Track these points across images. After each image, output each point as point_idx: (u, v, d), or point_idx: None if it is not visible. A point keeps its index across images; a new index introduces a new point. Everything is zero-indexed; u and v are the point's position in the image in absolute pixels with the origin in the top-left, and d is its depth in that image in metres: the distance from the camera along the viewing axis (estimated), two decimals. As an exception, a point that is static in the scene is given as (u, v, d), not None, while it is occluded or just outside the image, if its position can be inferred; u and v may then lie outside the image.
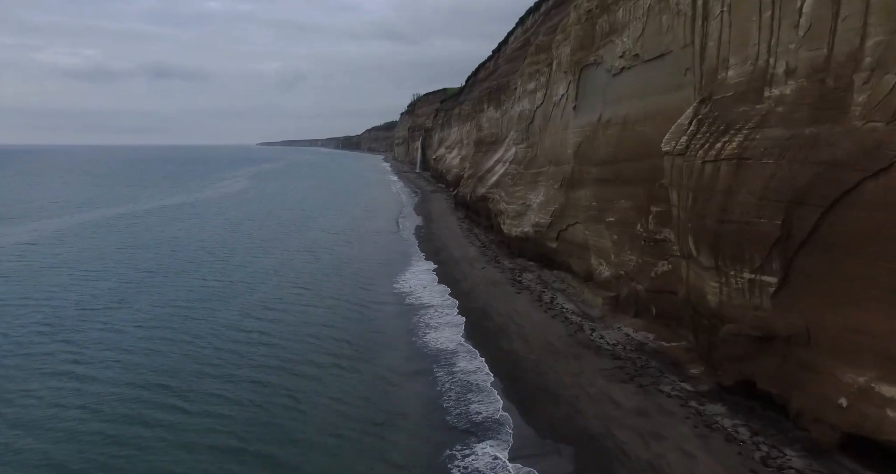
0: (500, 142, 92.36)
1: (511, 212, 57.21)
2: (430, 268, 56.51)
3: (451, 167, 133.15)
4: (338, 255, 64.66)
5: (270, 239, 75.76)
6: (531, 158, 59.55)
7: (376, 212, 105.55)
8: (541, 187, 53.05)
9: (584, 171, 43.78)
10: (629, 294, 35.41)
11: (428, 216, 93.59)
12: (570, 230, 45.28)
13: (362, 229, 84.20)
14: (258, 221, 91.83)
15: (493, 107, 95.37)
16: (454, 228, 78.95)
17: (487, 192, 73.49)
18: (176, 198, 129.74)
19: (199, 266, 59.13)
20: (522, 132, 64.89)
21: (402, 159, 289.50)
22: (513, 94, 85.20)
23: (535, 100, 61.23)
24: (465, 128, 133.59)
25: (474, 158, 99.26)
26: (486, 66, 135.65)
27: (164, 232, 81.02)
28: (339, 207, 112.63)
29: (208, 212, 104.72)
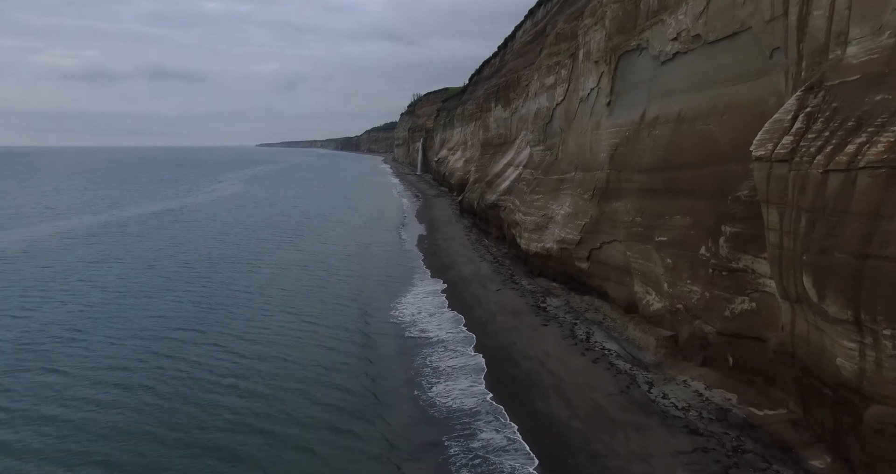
0: (509, 143, 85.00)
1: (529, 224, 49.72)
2: (437, 288, 49.00)
3: (454, 170, 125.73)
4: (334, 271, 57.17)
5: (260, 251, 68.28)
6: (551, 162, 52.09)
7: (376, 219, 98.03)
8: (565, 196, 45.58)
9: (623, 179, 36.33)
10: (693, 335, 27.92)
11: (432, 224, 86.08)
12: (606, 249, 37.80)
13: (361, 239, 76.73)
14: (249, 230, 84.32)
15: (502, 105, 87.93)
16: (461, 239, 71.44)
17: (498, 200, 66.03)
18: (165, 203, 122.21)
19: (176, 284, 51.66)
20: (539, 133, 57.43)
21: (402, 160, 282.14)
22: (524, 90, 77.82)
23: (554, 96, 53.77)
24: (469, 128, 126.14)
25: (480, 161, 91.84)
26: (490, 63, 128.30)
27: (144, 243, 73.50)
28: (336, 213, 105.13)
29: (196, 218, 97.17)
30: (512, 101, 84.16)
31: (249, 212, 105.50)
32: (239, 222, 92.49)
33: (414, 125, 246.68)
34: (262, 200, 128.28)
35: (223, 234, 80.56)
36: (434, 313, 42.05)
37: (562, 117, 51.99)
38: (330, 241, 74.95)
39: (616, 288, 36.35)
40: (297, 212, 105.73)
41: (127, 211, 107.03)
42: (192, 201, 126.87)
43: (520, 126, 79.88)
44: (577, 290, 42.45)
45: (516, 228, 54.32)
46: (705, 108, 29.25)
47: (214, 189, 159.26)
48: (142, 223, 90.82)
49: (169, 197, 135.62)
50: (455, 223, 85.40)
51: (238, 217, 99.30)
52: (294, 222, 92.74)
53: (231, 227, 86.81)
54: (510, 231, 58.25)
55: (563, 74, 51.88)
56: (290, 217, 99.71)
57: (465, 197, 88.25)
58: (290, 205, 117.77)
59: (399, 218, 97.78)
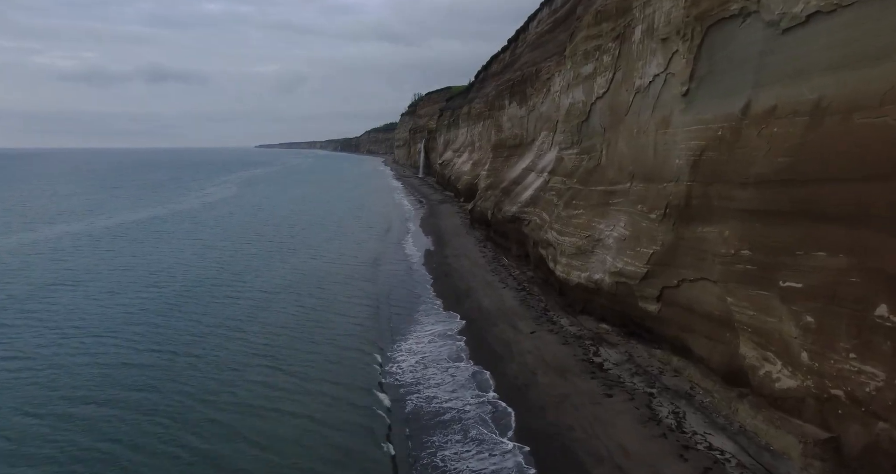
0: (525, 145, 74.82)
1: (567, 247, 39.46)
2: (451, 327, 38.80)
3: (460, 173, 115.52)
4: (328, 300, 47.03)
5: (245, 270, 58.10)
6: (590, 169, 41.92)
7: (378, 228, 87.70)
8: (618, 214, 35.31)
9: (715, 195, 26.15)
10: (875, 446, 17.79)
11: (439, 236, 75.80)
12: (688, 289, 27.59)
13: (361, 254, 66.53)
14: (236, 243, 74.11)
15: (517, 102, 77.78)
16: (475, 256, 61.19)
17: (520, 212, 55.84)
18: (152, 209, 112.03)
19: (136, 320, 41.66)
20: (571, 133, 47.29)
21: (403, 162, 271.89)
22: (545, 85, 67.63)
23: (592, 88, 43.62)
24: (476, 128, 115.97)
25: (493, 165, 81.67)
26: (500, 58, 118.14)
27: (114, 260, 63.33)
28: (334, 222, 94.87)
29: (179, 229, 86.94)
30: (529, 98, 74.03)
31: (240, 221, 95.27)
32: (227, 233, 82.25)
33: (415, 126, 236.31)
34: (255, 206, 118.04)
35: (207, 249, 70.42)
36: (448, 367, 31.83)
37: (604, 113, 41.83)
38: (325, 257, 64.79)
39: (706, 345, 26.11)
40: (291, 221, 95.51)
41: (107, 219, 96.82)
42: (180, 207, 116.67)
43: (539, 125, 69.77)
44: (639, 338, 32.15)
45: (547, 249, 44.12)
46: (875, 92, 19.10)
47: (206, 193, 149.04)
48: (119, 234, 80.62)
49: (157, 202, 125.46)
50: (465, 235, 75.12)
51: (227, 226, 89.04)
52: (287, 233, 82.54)
53: (217, 240, 76.62)
54: (537, 250, 48.06)
55: (605, 61, 41.71)
56: (284, 226, 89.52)
57: (476, 205, 78.04)
58: (285, 213, 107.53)
59: (402, 227, 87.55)
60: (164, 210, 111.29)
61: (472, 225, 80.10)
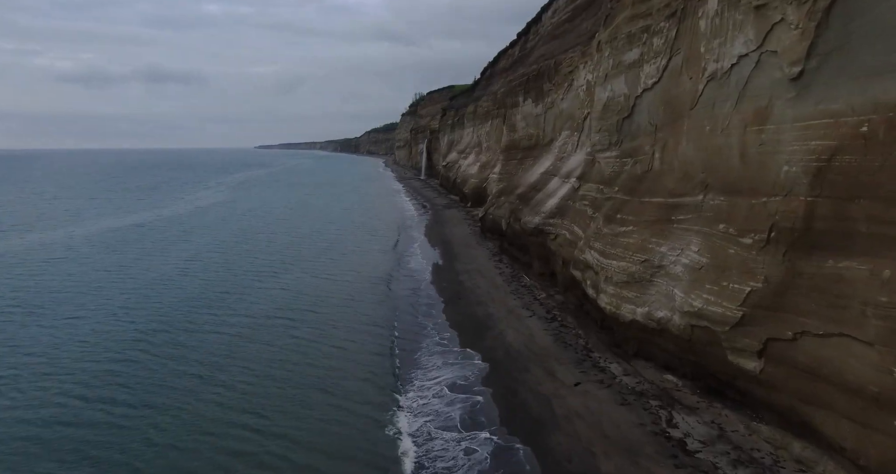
0: (542, 146, 67.10)
1: (616, 272, 31.56)
2: (469, 373, 30.84)
3: (467, 176, 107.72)
4: (321, 331, 39.30)
5: (231, 291, 50.37)
6: (639, 176, 34.18)
7: (380, 238, 79.70)
8: (688, 234, 27.49)
9: (863, 216, 18.43)
10: None
11: (448, 247, 67.91)
12: (813, 346, 19.86)
13: (361, 270, 58.70)
14: (224, 255, 66.33)
15: (532, 99, 70.04)
16: (490, 273, 53.30)
17: (544, 224, 48.00)
18: (137, 215, 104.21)
19: (96, 354, 34.27)
20: (610, 132, 39.56)
21: (403, 163, 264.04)
22: (567, 78, 59.85)
23: (639, 78, 35.86)
24: (483, 128, 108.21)
25: (505, 167, 73.92)
26: (508, 53, 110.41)
27: (82, 277, 55.60)
28: (333, 230, 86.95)
29: (165, 237, 79.13)
30: (546, 94, 66.30)
31: (230, 229, 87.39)
32: (215, 243, 74.43)
33: (416, 126, 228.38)
34: (248, 212, 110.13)
35: (190, 262, 62.67)
36: (463, 438, 24.05)
37: (654, 108, 34.06)
38: (323, 274, 56.95)
39: (851, 430, 18.36)
40: (286, 229, 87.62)
41: (87, 227, 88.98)
42: (168, 213, 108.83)
43: (559, 124, 62.04)
44: (728, 401, 24.34)
45: (585, 272, 36.30)
46: None
47: (198, 197, 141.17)
48: (97, 245, 72.83)
49: (144, 207, 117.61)
50: (477, 246, 67.24)
51: (216, 235, 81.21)
52: (282, 243, 74.62)
53: (203, 251, 68.85)
54: (568, 271, 40.27)
55: (655, 45, 33.93)
56: (278, 235, 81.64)
57: (488, 213, 70.23)
58: (281, 219, 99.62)
59: (407, 236, 79.67)
60: (150, 216, 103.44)
61: (484, 234, 72.30)
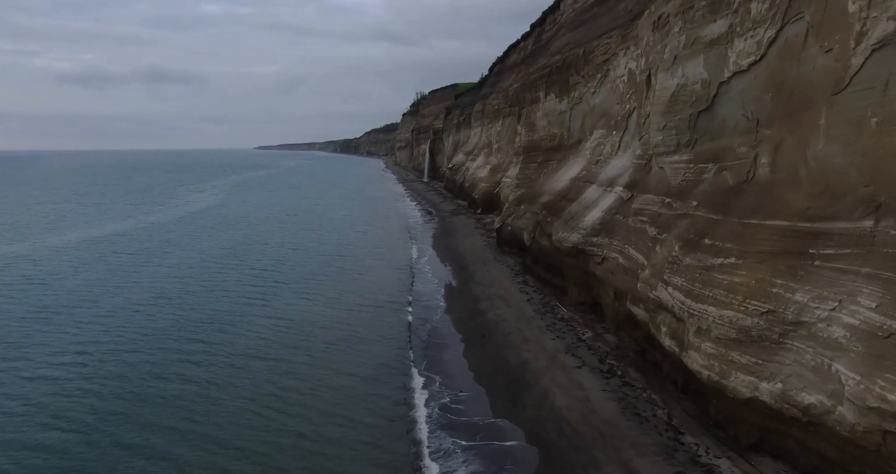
0: (568, 147, 58.37)
1: (718, 324, 22.75)
2: (513, 469, 22.25)
3: (476, 180, 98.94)
4: (312, 384, 30.75)
5: (210, 320, 41.96)
6: (732, 189, 25.49)
7: (383, 251, 70.79)
8: (849, 279, 18.68)
9: None
10: None
11: (461, 263, 59.08)
12: None
13: (363, 292, 49.97)
14: (207, 273, 57.63)
15: (555, 94, 61.28)
16: (515, 299, 44.43)
17: (585, 243, 39.15)
18: (120, 222, 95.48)
19: (33, 413, 25.67)
20: (679, 130, 30.82)
21: (405, 164, 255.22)
22: (599, 69, 51.13)
23: (725, 58, 27.18)
24: (493, 127, 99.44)
25: (524, 172, 65.20)
26: (519, 47, 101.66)
27: (38, 301, 47.07)
28: (330, 241, 78.12)
29: (142, 249, 70.44)
30: (573, 88, 57.55)
31: (218, 239, 78.62)
32: (197, 258, 65.72)
33: (418, 126, 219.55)
34: (240, 219, 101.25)
35: (168, 282, 54.06)
36: None
37: (755, 96, 25.36)
38: (318, 298, 48.26)
39: None
40: (281, 239, 78.80)
41: (59, 237, 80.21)
42: (154, 219, 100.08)
43: (590, 122, 53.35)
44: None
45: (658, 315, 27.50)
46: None
47: (189, 201, 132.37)
48: (60, 260, 64.07)
49: (130, 213, 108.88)
50: (494, 262, 58.37)
51: (202, 246, 72.50)
52: (273, 258, 65.79)
53: (184, 268, 60.18)
54: (624, 306, 31.55)
55: (755, 11, 25.21)
56: (271, 246, 72.90)
57: (505, 223, 61.45)
58: (274, 228, 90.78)
59: (412, 248, 70.88)
60: (134, 223, 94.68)
61: (500, 247, 63.50)
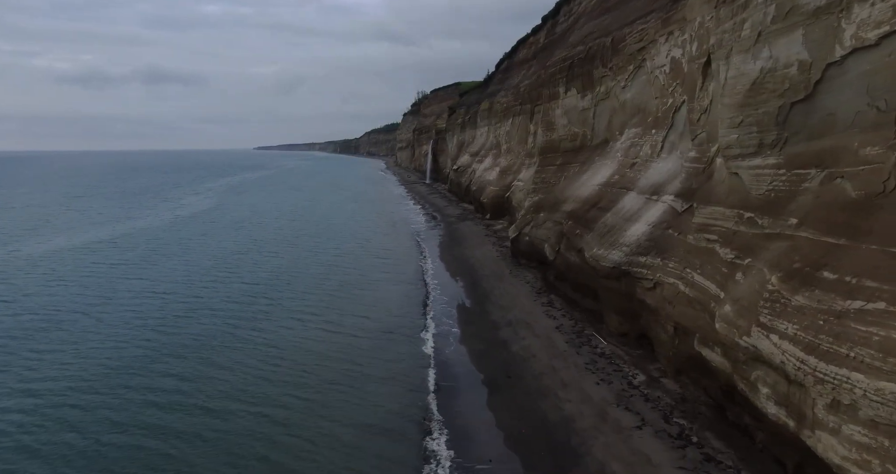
0: (591, 148, 52.02)
1: (872, 400, 16.48)
2: None
3: (484, 183, 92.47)
4: (310, 430, 24.40)
5: (187, 350, 35.53)
6: (858, 204, 19.17)
7: (386, 263, 64.19)
8: None
9: None
10: None
11: (473, 278, 52.53)
12: None
13: (366, 314, 43.53)
14: (185, 289, 51.20)
15: (577, 90, 54.88)
16: (543, 327, 37.86)
17: (630, 263, 32.65)
18: (103, 228, 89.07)
19: None
20: (760, 127, 24.43)
21: (406, 165, 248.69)
22: (632, 59, 44.77)
23: (836, 31, 20.77)
24: (502, 127, 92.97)
25: (541, 175, 58.74)
26: (529, 42, 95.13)
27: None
28: (330, 249, 71.59)
29: (122, 260, 64.08)
30: (598, 82, 51.16)
31: (207, 248, 72.20)
32: (184, 270, 59.27)
33: (420, 126, 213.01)
34: (233, 224, 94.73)
35: (145, 299, 47.70)
36: None
37: (888, 81, 18.98)
38: (314, 321, 41.66)
39: None
40: (275, 248, 72.29)
41: (40, 243, 73.87)
42: (142, 225, 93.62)
43: (619, 119, 47.02)
44: None
45: (753, 370, 21.10)
46: None
47: (183, 204, 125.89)
48: (31, 271, 57.70)
49: (118, 217, 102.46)
50: (511, 278, 51.78)
51: (188, 257, 66.06)
52: (267, 271, 59.15)
53: (167, 282, 53.77)
54: (691, 348, 25.19)
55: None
56: (264, 258, 66.33)
57: (522, 233, 55.01)
58: (270, 234, 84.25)
59: (417, 259, 64.36)
60: (120, 229, 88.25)
61: (516, 259, 56.99)
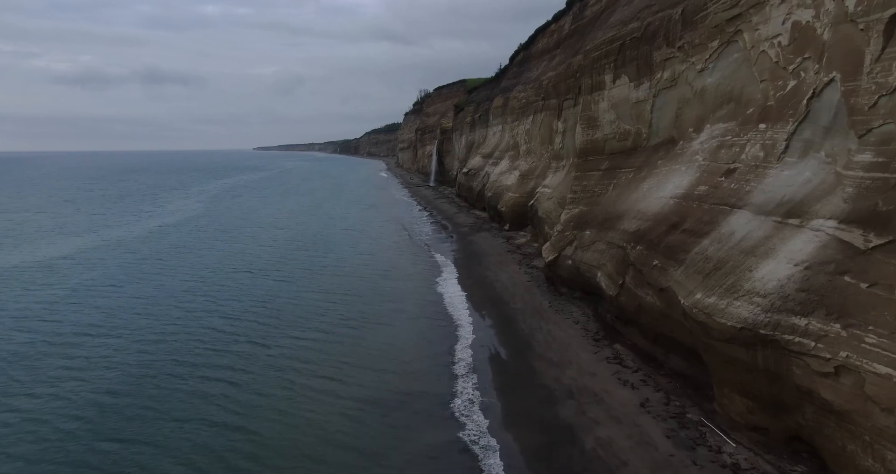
0: (649, 149, 41.35)
1: None
2: None
3: (501, 188, 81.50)
4: None
5: (135, 426, 24.70)
6: None
7: (393, 285, 52.93)
8: None
9: None
10: None
11: (504, 314, 41.41)
12: None
13: (372, 362, 32.66)
14: (153, 325, 40.53)
15: (631, 78, 44.06)
16: (622, 405, 26.77)
17: (774, 327, 21.63)
18: (72, 240, 78.35)
19: None
20: None
21: (408, 167, 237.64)
22: (719, 31, 34.04)
23: None
24: (521, 125, 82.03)
25: (581, 182, 47.84)
26: (550, 29, 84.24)
27: None
28: (327, 269, 60.60)
29: (85, 280, 53.44)
30: (661, 66, 40.38)
31: (186, 266, 61.34)
32: (152, 297, 48.53)
33: (423, 125, 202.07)
34: (219, 235, 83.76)
35: (94, 342, 36.93)
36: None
37: None
38: (308, 382, 30.94)
39: None
40: (264, 264, 61.37)
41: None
42: (118, 235, 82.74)
43: (694, 112, 36.33)
44: None
45: None
46: None
47: (168, 210, 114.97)
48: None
49: (94, 226, 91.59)
50: (552, 313, 40.74)
51: (160, 280, 55.13)
52: (252, 297, 48.32)
53: (127, 317, 43.08)
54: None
55: None
56: (250, 278, 55.51)
57: (563, 255, 44.02)
58: (259, 247, 73.29)
59: (430, 282, 53.41)
60: (90, 241, 77.45)
61: (553, 286, 46.07)
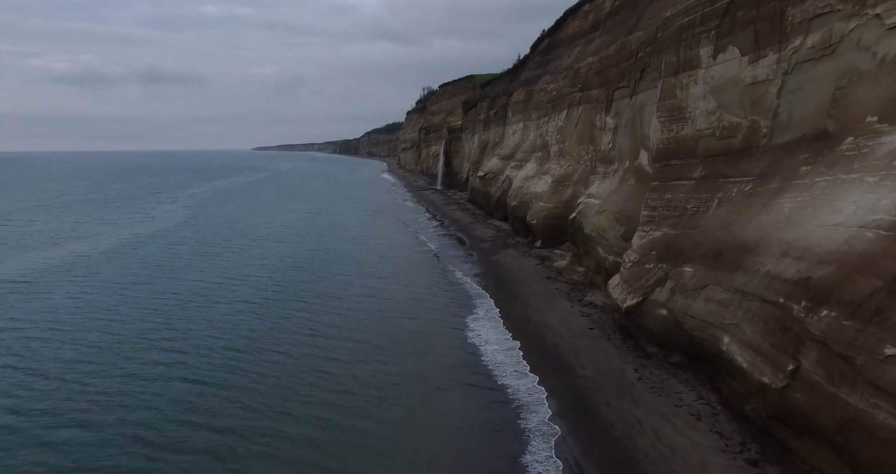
0: (774, 150, 28.32)
1: None
2: None
3: (528, 197, 68.63)
4: None
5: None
6: None
7: (412, 324, 40.13)
8: None
9: None
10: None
11: (573, 388, 28.51)
12: None
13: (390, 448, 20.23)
14: (99, 383, 27.85)
15: (744, 50, 31.17)
16: None
17: None
18: (31, 255, 65.91)
19: None
20: None
21: (411, 168, 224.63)
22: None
23: None
24: (553, 122, 69.10)
25: (661, 194, 35.08)
26: (583, 10, 71.59)
27: None
28: (328, 299, 47.75)
29: (27, 312, 40.71)
30: (798, 29, 27.59)
31: (155, 293, 48.55)
32: (102, 342, 35.80)
33: (427, 124, 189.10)
34: (201, 248, 70.89)
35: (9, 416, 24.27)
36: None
37: None
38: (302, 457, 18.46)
39: None
40: (250, 291, 48.52)
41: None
42: (85, 249, 70.06)
43: (871, 93, 23.32)
44: None
45: None
46: None
47: (151, 217, 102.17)
48: None
49: (62, 236, 79.04)
50: (646, 392, 28.02)
51: (121, 313, 42.45)
52: (231, 339, 35.81)
53: (65, 370, 30.42)
54: None
55: None
56: (232, 310, 42.89)
57: (651, 300, 31.34)
58: (246, 265, 60.45)
59: (459, 324, 40.64)
60: (51, 256, 64.91)
61: (635, 342, 33.32)
